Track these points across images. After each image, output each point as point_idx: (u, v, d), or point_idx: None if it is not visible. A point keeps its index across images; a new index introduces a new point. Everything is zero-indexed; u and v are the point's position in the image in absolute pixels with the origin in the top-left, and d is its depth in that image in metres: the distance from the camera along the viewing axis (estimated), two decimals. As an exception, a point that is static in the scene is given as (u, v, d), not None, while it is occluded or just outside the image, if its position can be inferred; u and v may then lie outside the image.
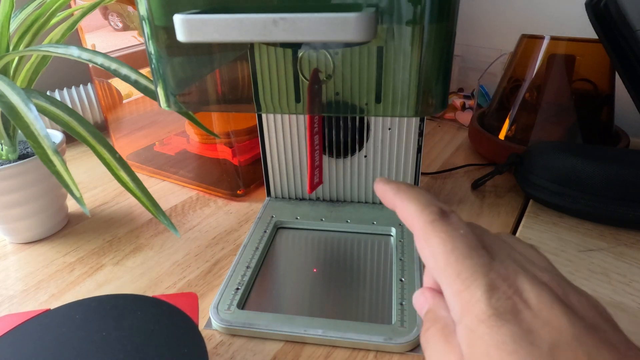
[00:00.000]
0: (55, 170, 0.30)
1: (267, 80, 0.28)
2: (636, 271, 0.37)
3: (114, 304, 0.27)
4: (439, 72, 0.25)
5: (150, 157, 0.58)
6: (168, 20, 0.24)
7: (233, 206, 0.50)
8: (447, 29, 0.24)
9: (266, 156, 0.46)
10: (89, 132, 0.34)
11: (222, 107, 0.30)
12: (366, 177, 0.45)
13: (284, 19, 0.21)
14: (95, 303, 0.27)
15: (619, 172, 0.40)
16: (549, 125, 0.54)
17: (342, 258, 0.39)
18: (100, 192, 0.54)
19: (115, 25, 0.51)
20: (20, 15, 0.40)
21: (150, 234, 0.45)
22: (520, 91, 0.56)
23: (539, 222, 0.44)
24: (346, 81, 0.27)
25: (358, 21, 0.21)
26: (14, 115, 0.30)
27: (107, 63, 0.35)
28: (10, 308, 0.35)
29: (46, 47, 0.36)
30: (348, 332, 0.31)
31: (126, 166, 0.33)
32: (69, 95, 0.67)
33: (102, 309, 0.27)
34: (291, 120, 0.43)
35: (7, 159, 0.41)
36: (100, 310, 0.27)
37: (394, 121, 0.41)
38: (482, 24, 0.77)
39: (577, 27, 0.56)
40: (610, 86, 0.54)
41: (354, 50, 0.26)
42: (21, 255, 0.42)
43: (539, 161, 0.45)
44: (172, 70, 0.27)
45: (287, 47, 0.27)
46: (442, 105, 0.26)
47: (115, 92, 0.57)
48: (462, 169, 0.57)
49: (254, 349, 0.31)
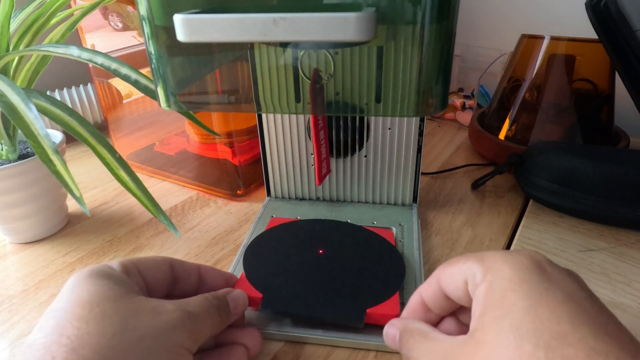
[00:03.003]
0: (55, 170, 0.30)
1: (267, 80, 0.28)
2: (636, 271, 0.37)
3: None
4: (439, 72, 0.25)
5: (150, 157, 0.58)
6: (168, 20, 0.24)
7: (233, 206, 0.50)
8: (447, 29, 0.24)
9: (266, 156, 0.46)
10: (89, 132, 0.34)
11: (222, 107, 0.30)
12: (366, 177, 0.45)
13: (284, 18, 0.21)
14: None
15: (619, 172, 0.40)
16: (549, 125, 0.54)
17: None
18: (100, 192, 0.54)
19: (115, 25, 0.51)
20: (20, 15, 0.40)
21: (150, 234, 0.45)
22: (520, 91, 0.56)
23: (539, 222, 0.44)
24: (346, 81, 0.27)
25: (358, 21, 0.21)
26: (14, 115, 0.30)
27: (107, 63, 0.35)
28: (10, 308, 0.35)
29: (46, 47, 0.36)
30: (348, 332, 0.31)
31: (126, 166, 0.33)
32: (69, 95, 0.67)
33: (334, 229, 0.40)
34: (291, 120, 0.43)
35: (7, 158, 0.40)
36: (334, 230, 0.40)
37: (394, 121, 0.41)
38: (482, 24, 0.77)
39: (577, 27, 0.56)
40: (610, 86, 0.54)
41: (354, 50, 0.26)
42: (21, 255, 0.42)
43: (539, 161, 0.45)
44: (172, 70, 0.27)
45: (287, 47, 0.27)
46: (442, 105, 0.26)
47: (115, 92, 0.57)
48: (462, 169, 0.57)
49: (254, 349, 0.31)
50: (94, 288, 0.23)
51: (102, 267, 0.25)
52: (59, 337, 0.20)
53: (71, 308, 0.21)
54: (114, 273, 0.25)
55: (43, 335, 0.20)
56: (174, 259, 0.29)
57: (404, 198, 0.45)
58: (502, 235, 0.43)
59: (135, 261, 0.27)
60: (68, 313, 0.21)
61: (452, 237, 0.43)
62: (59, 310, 0.22)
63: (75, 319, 0.21)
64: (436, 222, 0.45)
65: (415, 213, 0.44)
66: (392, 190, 0.45)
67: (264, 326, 0.31)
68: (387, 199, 0.46)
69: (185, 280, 0.29)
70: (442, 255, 0.40)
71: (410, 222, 0.42)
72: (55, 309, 0.22)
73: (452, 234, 0.43)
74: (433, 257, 0.40)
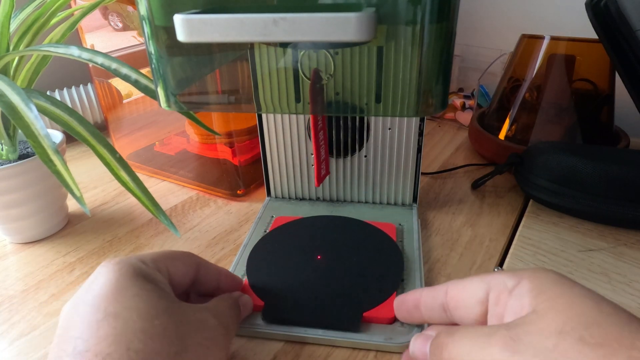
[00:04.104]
0: (55, 169, 0.30)
1: (267, 80, 0.28)
2: (636, 271, 0.37)
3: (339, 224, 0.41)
4: (439, 72, 0.25)
5: (150, 157, 0.58)
6: (168, 20, 0.24)
7: (233, 206, 0.50)
8: (447, 29, 0.24)
9: (266, 156, 0.46)
10: (89, 132, 0.34)
11: (222, 107, 0.30)
12: (366, 177, 0.45)
13: (284, 19, 0.21)
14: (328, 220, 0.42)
15: (619, 172, 0.40)
16: (549, 125, 0.54)
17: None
18: (100, 192, 0.54)
19: (115, 25, 0.51)
20: (20, 15, 0.40)
21: (150, 234, 0.45)
22: (520, 91, 0.56)
23: (539, 222, 0.44)
24: (346, 81, 0.27)
25: (358, 21, 0.21)
26: (14, 115, 0.30)
27: (107, 63, 0.35)
28: (10, 308, 0.35)
29: (46, 47, 0.36)
30: (348, 332, 0.31)
31: (126, 166, 0.33)
32: (69, 95, 0.67)
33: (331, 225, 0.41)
34: (291, 120, 0.43)
35: (7, 158, 0.40)
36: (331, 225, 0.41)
37: (394, 121, 0.41)
38: (482, 24, 0.77)
39: (577, 27, 0.56)
40: (610, 86, 0.54)
41: (354, 50, 0.26)
42: (21, 255, 0.42)
43: (539, 161, 0.45)
44: (172, 70, 0.27)
45: (287, 47, 0.27)
46: (442, 105, 0.26)
47: (115, 92, 0.57)
48: (462, 169, 0.57)
49: (254, 349, 0.31)
50: (146, 294, 0.22)
51: (142, 267, 0.24)
52: (126, 350, 0.20)
53: (130, 317, 0.21)
54: (156, 277, 0.24)
55: (106, 345, 0.20)
56: (200, 262, 0.29)
57: (404, 198, 0.45)
58: (502, 235, 0.43)
59: (166, 261, 0.26)
60: (129, 323, 0.21)
61: (452, 237, 0.43)
62: (117, 317, 0.21)
63: (140, 331, 0.20)
64: (436, 222, 0.45)
65: (415, 213, 0.44)
66: (392, 190, 0.45)
67: (265, 326, 0.31)
68: (387, 199, 0.46)
69: (205, 284, 0.30)
70: (442, 255, 0.40)
71: (410, 222, 0.42)
72: (111, 314, 0.21)
73: (452, 234, 0.43)
74: (433, 257, 0.40)
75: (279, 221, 0.42)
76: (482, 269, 0.38)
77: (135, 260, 0.25)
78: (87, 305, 0.21)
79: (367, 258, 0.36)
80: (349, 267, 0.35)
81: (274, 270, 0.36)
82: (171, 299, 0.24)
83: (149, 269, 0.24)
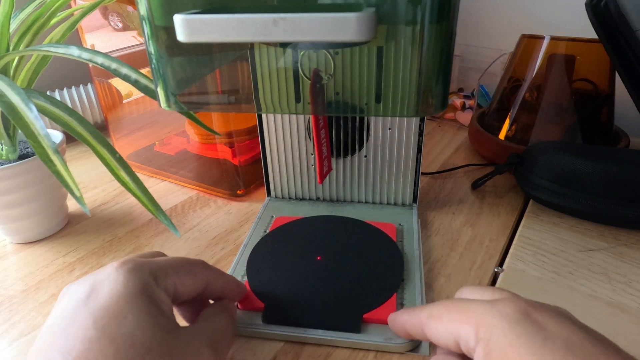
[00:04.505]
0: (55, 169, 0.30)
1: (267, 80, 0.28)
2: (636, 271, 0.37)
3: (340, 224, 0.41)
4: (439, 72, 0.25)
5: (150, 157, 0.58)
6: (168, 20, 0.24)
7: (233, 206, 0.50)
8: (447, 29, 0.24)
9: (266, 156, 0.46)
10: (89, 132, 0.34)
11: (222, 107, 0.30)
12: (366, 177, 0.45)
13: (284, 19, 0.21)
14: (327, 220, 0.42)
15: (619, 172, 0.40)
16: (549, 125, 0.54)
17: None
18: (100, 192, 0.54)
19: (115, 25, 0.51)
20: (20, 15, 0.40)
21: (150, 234, 0.45)
22: (520, 91, 0.56)
23: (539, 222, 0.44)
24: (346, 81, 0.27)
25: (358, 21, 0.21)
26: (14, 115, 0.30)
27: (107, 63, 0.35)
28: (11, 308, 0.35)
29: (46, 47, 0.36)
30: (348, 332, 0.31)
31: (126, 166, 0.33)
32: (69, 95, 0.67)
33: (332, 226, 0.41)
34: (291, 120, 0.43)
35: (7, 159, 0.40)
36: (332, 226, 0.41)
37: (394, 121, 0.41)
38: (482, 24, 0.77)
39: (577, 27, 0.56)
40: (610, 86, 0.54)
41: (354, 50, 0.26)
42: (21, 255, 0.42)
43: (539, 161, 0.45)
44: (172, 70, 0.27)
45: (287, 47, 0.27)
46: (442, 105, 0.26)
47: (115, 92, 0.57)
48: (462, 169, 0.57)
49: (254, 349, 0.31)
50: (146, 323, 0.22)
51: (150, 285, 0.24)
52: None
53: (124, 345, 0.21)
54: (161, 298, 0.24)
55: None
56: (210, 277, 0.28)
57: (404, 198, 0.45)
58: (502, 235, 0.43)
59: (177, 277, 0.26)
60: (120, 352, 0.21)
61: (452, 237, 0.43)
62: (111, 342, 0.21)
63: (138, 356, 0.21)
64: (436, 222, 0.45)
65: (415, 213, 0.44)
66: (392, 190, 0.45)
67: (265, 326, 0.31)
68: (387, 199, 0.46)
69: (209, 294, 0.29)
70: (442, 256, 0.40)
71: (410, 222, 0.42)
72: (107, 337, 0.21)
73: (452, 234, 0.43)
74: (433, 257, 0.40)
75: (279, 221, 0.42)
76: (482, 269, 0.38)
77: (147, 274, 0.24)
78: (87, 315, 0.22)
79: (367, 258, 0.36)
80: (349, 268, 0.35)
81: (274, 271, 0.36)
82: (168, 327, 0.23)
83: (156, 290, 0.24)
